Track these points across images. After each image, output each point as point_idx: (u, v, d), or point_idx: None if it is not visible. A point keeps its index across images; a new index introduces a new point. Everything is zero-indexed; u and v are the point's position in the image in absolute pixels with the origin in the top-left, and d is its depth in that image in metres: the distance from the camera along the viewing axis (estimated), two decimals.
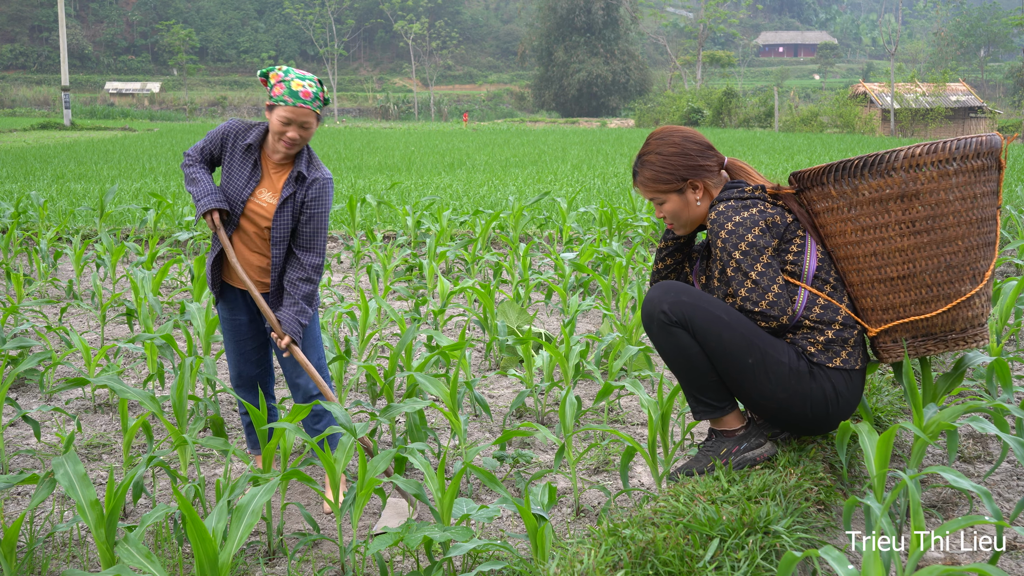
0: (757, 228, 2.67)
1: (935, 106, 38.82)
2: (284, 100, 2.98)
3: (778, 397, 2.65)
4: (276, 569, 2.61)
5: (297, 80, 3.00)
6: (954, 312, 2.66)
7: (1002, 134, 3.24)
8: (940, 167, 2.57)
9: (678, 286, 2.72)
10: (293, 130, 3.00)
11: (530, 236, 8.48)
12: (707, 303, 2.66)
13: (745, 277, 2.66)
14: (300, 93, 2.98)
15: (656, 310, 2.68)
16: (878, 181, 2.61)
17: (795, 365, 2.64)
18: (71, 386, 3.33)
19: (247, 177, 3.08)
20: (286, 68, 3.06)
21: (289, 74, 3.03)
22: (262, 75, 3.10)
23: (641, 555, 2.15)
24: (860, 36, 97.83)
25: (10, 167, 16.40)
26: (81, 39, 76.70)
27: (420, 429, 3.27)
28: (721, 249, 2.70)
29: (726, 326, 2.62)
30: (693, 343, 2.65)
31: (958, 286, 2.64)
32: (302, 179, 3.06)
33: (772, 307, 2.65)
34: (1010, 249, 6.76)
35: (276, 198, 3.07)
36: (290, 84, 2.99)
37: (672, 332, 2.66)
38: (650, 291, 2.76)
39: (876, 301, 2.70)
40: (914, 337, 2.71)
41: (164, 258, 7.57)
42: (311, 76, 3.06)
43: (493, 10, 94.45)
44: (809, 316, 2.68)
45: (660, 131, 2.88)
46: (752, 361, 2.62)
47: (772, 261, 2.67)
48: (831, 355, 2.68)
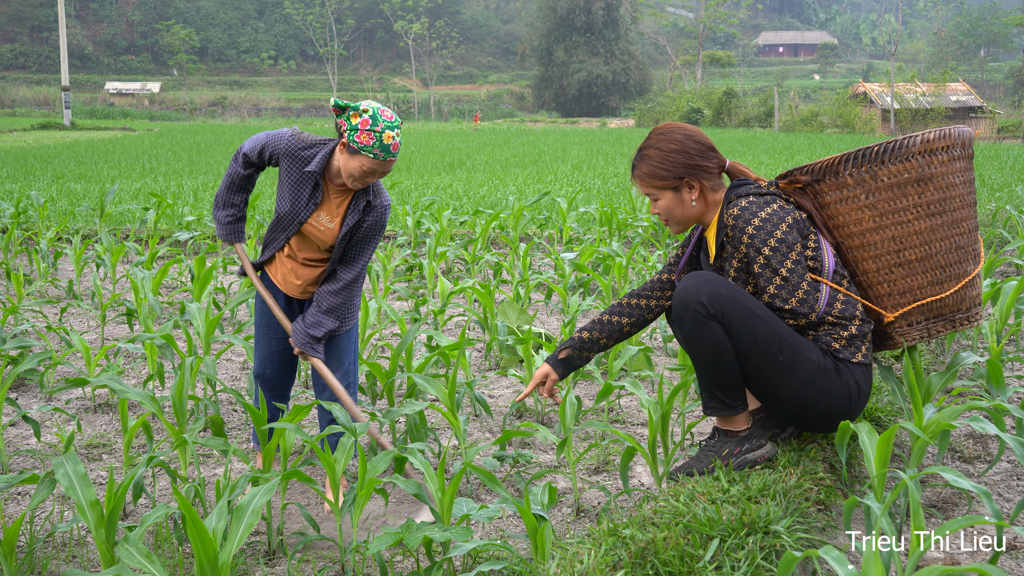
0: (784, 224, 2.65)
1: (935, 106, 38.82)
2: (374, 153, 2.81)
3: (805, 394, 2.64)
4: (276, 569, 2.61)
5: (388, 132, 2.80)
6: (963, 292, 2.78)
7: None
8: (949, 152, 2.72)
9: (715, 278, 2.64)
10: (374, 177, 2.90)
11: (530, 236, 8.48)
12: (744, 298, 2.61)
13: (774, 273, 2.63)
14: (391, 147, 2.81)
15: (693, 300, 2.60)
16: (897, 167, 2.69)
17: (822, 362, 2.64)
18: (71, 386, 3.33)
19: (306, 200, 2.99)
20: (372, 111, 2.82)
21: (379, 123, 2.80)
22: (337, 107, 2.88)
23: (641, 555, 2.15)
24: (860, 36, 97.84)
25: (10, 167, 16.40)
26: (81, 39, 76.72)
27: (420, 429, 3.27)
28: (747, 245, 2.66)
29: (761, 322, 2.59)
30: (726, 338, 2.60)
31: (965, 266, 2.77)
32: (369, 208, 2.99)
33: (802, 304, 2.63)
34: (1010, 249, 6.76)
35: (334, 221, 3.01)
36: (381, 137, 2.80)
37: (707, 324, 2.59)
38: (684, 280, 2.68)
39: (894, 286, 2.75)
40: (927, 319, 2.78)
41: (164, 258, 7.57)
42: (396, 120, 2.85)
43: (493, 10, 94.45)
44: (832, 312, 2.68)
45: (663, 127, 2.86)
46: (783, 358, 2.60)
47: (800, 257, 2.65)
48: (854, 350, 2.68)
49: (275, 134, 3.04)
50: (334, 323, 3.04)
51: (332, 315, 3.03)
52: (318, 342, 3.04)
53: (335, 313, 3.03)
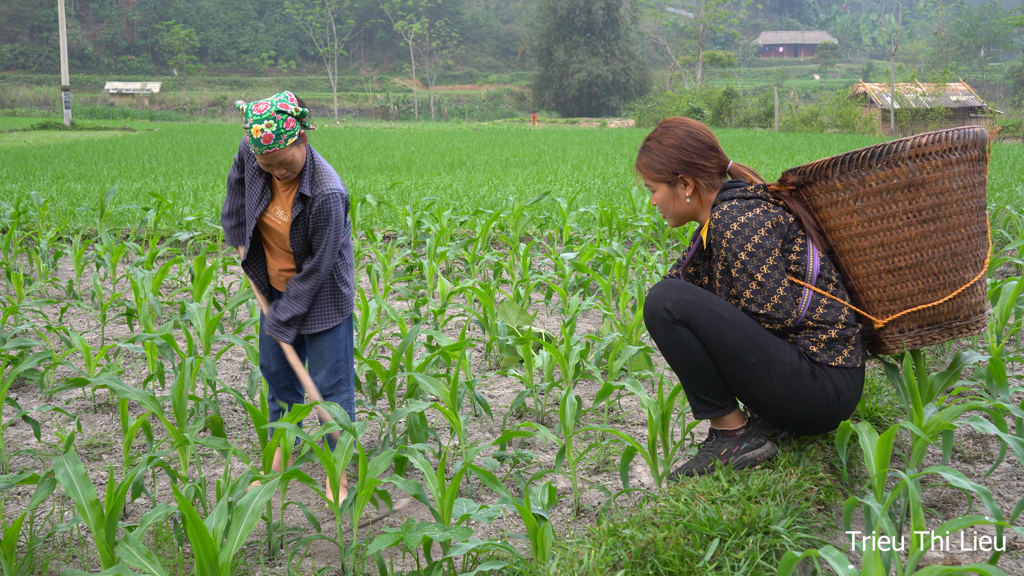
0: (763, 229, 2.66)
1: (935, 106, 38.82)
2: (252, 149, 2.93)
3: (780, 397, 2.65)
4: (276, 569, 2.61)
5: (256, 126, 2.87)
6: (959, 299, 2.70)
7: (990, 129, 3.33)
8: (944, 156, 2.62)
9: (681, 284, 2.71)
10: (276, 169, 3.01)
11: (530, 236, 8.48)
12: (710, 301, 2.65)
13: (750, 279, 2.65)
14: (261, 139, 2.88)
15: (659, 307, 2.67)
16: (885, 172, 2.63)
17: (797, 365, 2.64)
18: (71, 386, 3.33)
19: (258, 197, 3.15)
20: (246, 109, 2.92)
21: (248, 118, 2.89)
22: (239, 108, 2.99)
23: (641, 555, 2.15)
24: (860, 36, 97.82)
25: (10, 167, 16.40)
26: (81, 39, 76.71)
27: (420, 429, 3.27)
28: (726, 249, 2.69)
29: (729, 325, 2.62)
30: (696, 341, 2.64)
31: (962, 273, 2.69)
32: (304, 199, 3.08)
33: (777, 309, 2.64)
34: (1010, 249, 6.76)
35: (288, 215, 3.13)
36: (251, 132, 2.88)
37: (675, 330, 2.65)
38: (653, 289, 2.75)
39: (883, 292, 2.71)
40: (920, 326, 2.73)
41: (164, 258, 7.57)
42: (269, 110, 2.88)
43: (493, 10, 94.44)
44: (813, 316, 2.68)
45: (669, 120, 2.88)
46: (754, 360, 2.62)
47: (778, 263, 2.66)
48: (833, 354, 2.68)
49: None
50: (300, 308, 3.14)
51: (298, 300, 3.13)
52: (283, 326, 3.16)
53: (300, 300, 3.14)
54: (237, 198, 3.28)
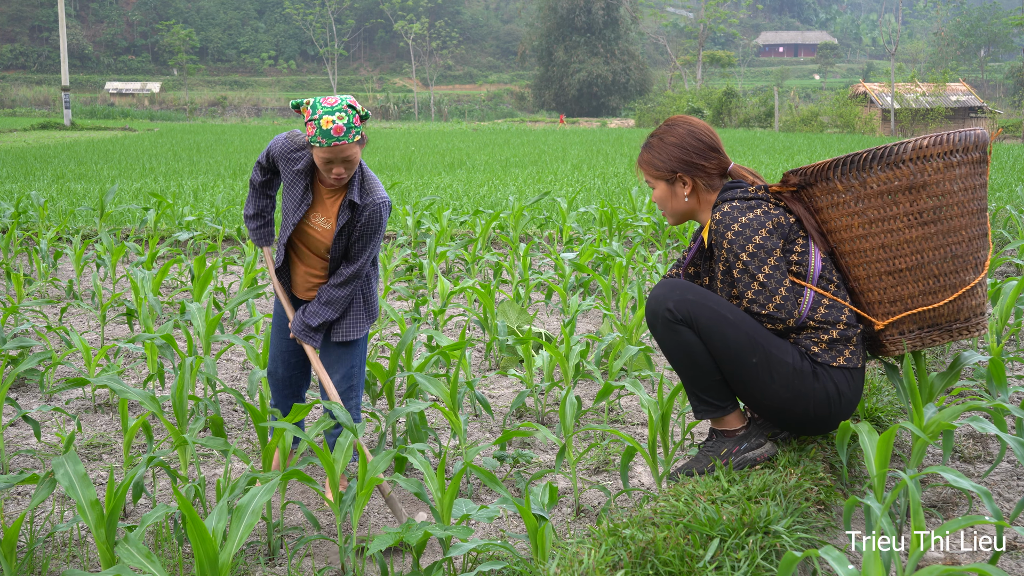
0: (764, 229, 2.67)
1: (935, 106, 38.81)
2: (318, 142, 2.84)
3: (781, 397, 2.65)
4: (276, 569, 2.61)
5: (326, 117, 2.83)
6: (959, 301, 2.70)
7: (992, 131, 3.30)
8: (946, 158, 2.62)
9: (683, 284, 2.72)
10: (337, 167, 2.92)
11: (530, 236, 8.48)
12: (712, 302, 2.65)
13: (752, 279, 2.65)
14: (332, 131, 2.82)
15: (661, 307, 2.68)
16: (887, 173, 2.63)
17: (798, 365, 2.64)
18: (71, 386, 3.33)
19: (298, 201, 3.05)
20: (313, 102, 2.88)
21: (317, 110, 2.85)
22: (294, 106, 2.96)
23: (641, 555, 2.15)
24: (860, 36, 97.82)
25: (10, 167, 16.40)
26: (81, 39, 76.70)
27: (420, 429, 3.27)
28: (727, 250, 2.69)
29: (731, 325, 2.62)
30: (698, 341, 2.65)
31: (963, 275, 2.68)
32: (354, 207, 3.01)
33: (779, 310, 2.65)
34: (1010, 249, 6.76)
35: (330, 223, 3.05)
36: (320, 124, 2.83)
37: (677, 330, 2.66)
38: (655, 289, 2.75)
39: (884, 294, 2.71)
40: (920, 328, 2.73)
41: (164, 258, 7.57)
42: (340, 103, 2.86)
43: (493, 10, 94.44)
44: (814, 316, 2.68)
45: (674, 118, 2.89)
46: (756, 360, 2.62)
47: (779, 263, 2.66)
48: (835, 354, 2.68)
49: (277, 137, 3.11)
50: (332, 314, 3.08)
51: (331, 307, 3.08)
52: (313, 331, 3.10)
53: (333, 306, 3.08)
54: (261, 199, 3.24)
